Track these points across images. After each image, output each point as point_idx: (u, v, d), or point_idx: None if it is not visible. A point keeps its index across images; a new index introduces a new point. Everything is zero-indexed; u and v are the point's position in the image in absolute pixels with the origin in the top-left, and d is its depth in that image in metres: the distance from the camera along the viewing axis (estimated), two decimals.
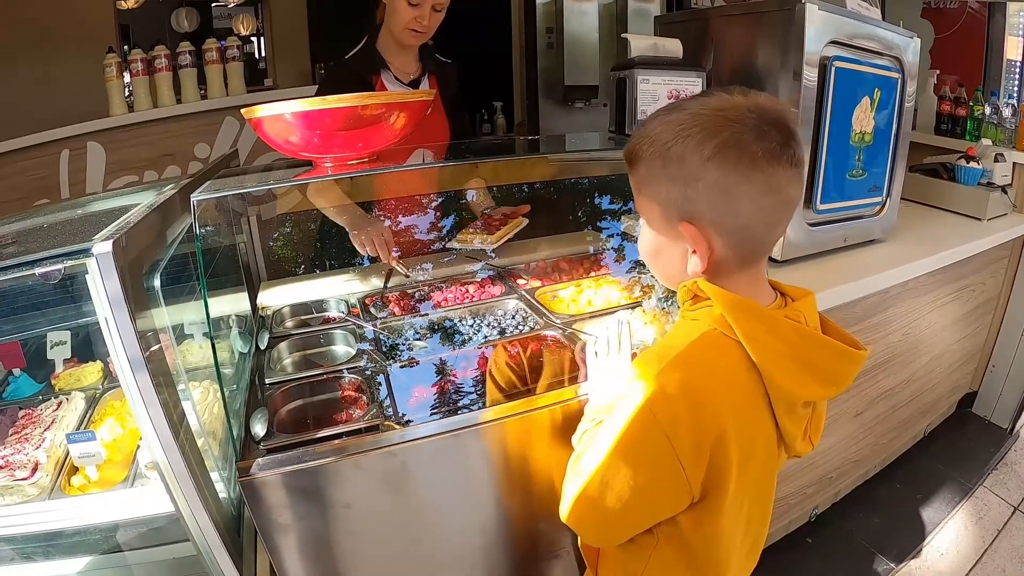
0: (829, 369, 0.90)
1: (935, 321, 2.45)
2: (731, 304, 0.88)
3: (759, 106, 0.85)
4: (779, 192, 0.86)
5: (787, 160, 0.84)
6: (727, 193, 0.85)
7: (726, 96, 0.88)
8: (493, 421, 1.29)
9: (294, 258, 2.09)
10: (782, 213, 0.89)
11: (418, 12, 1.88)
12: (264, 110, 1.21)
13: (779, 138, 0.83)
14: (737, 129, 0.83)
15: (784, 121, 0.85)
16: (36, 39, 3.57)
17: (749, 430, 0.90)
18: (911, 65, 1.99)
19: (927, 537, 2.37)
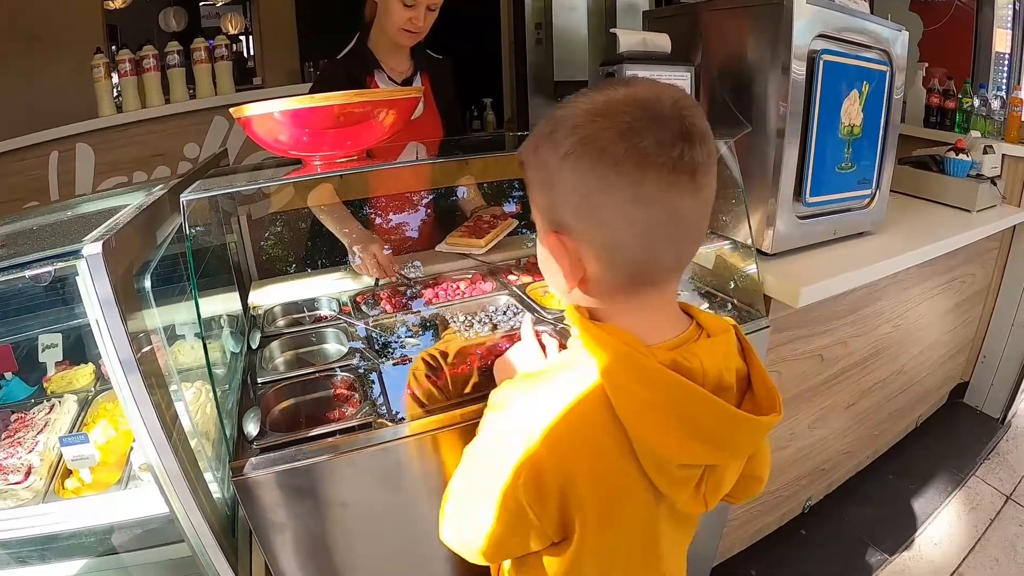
0: (713, 431, 0.75)
1: (926, 312, 2.46)
2: (594, 340, 0.78)
3: (637, 98, 0.72)
4: (654, 203, 0.71)
5: (669, 164, 0.69)
6: (586, 200, 0.73)
7: (610, 88, 0.75)
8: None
9: (285, 257, 2.09)
10: (666, 229, 0.73)
11: (413, 13, 1.88)
12: (253, 109, 1.21)
13: (655, 137, 0.69)
14: (601, 125, 0.71)
15: (671, 116, 0.70)
16: (23, 40, 3.55)
17: (608, 484, 0.78)
18: (899, 58, 1.99)
19: (920, 527, 2.38)
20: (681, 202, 0.72)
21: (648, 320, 0.80)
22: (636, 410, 0.74)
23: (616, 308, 0.81)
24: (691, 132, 0.70)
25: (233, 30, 4.11)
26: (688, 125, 0.70)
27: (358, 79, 1.94)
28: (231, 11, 4.15)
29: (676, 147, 0.69)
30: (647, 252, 0.75)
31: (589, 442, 0.76)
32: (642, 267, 0.76)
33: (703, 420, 0.74)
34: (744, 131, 1.77)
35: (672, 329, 0.82)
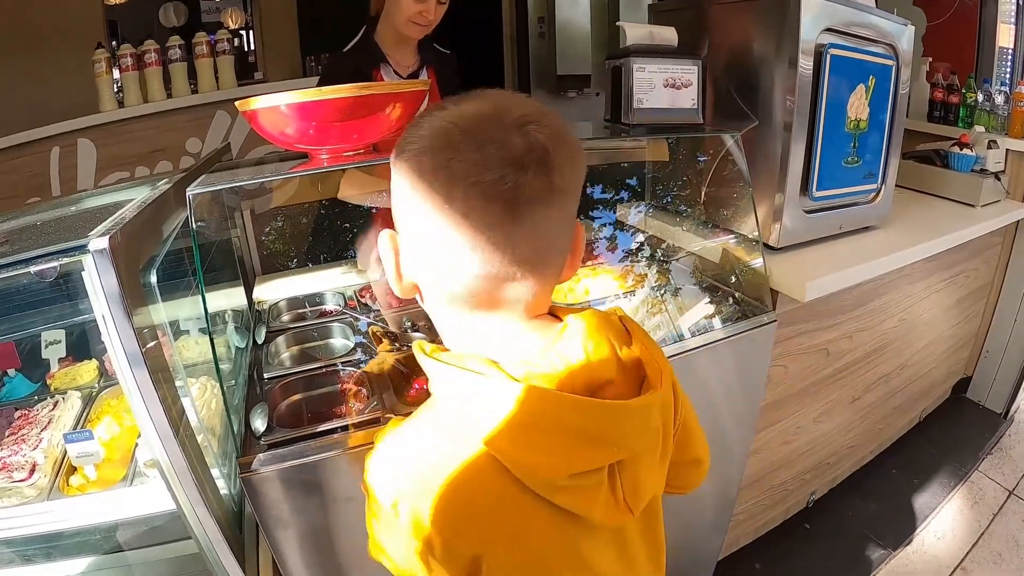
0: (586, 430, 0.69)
1: (930, 307, 2.46)
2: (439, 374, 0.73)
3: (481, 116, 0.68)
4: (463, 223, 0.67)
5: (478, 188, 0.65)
6: (406, 204, 0.71)
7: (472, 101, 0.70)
8: None
9: (289, 251, 2.08)
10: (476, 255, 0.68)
11: (423, 5, 1.86)
12: (259, 102, 1.20)
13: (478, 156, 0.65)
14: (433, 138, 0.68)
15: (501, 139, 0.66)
16: (23, 37, 3.54)
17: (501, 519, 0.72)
18: (905, 53, 1.99)
19: (923, 522, 2.38)
20: (493, 230, 0.67)
21: (500, 337, 0.75)
22: (504, 439, 0.68)
23: (460, 332, 0.77)
24: (525, 159, 0.65)
25: (233, 25, 4.10)
26: (525, 151, 0.66)
27: (364, 73, 1.92)
28: (231, 6, 4.14)
29: (496, 171, 0.65)
30: (462, 278, 0.70)
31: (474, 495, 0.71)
32: (462, 292, 0.72)
33: (574, 423, 0.68)
34: (751, 125, 1.77)
35: (529, 341, 0.75)
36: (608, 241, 1.96)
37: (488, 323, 0.74)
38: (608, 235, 1.94)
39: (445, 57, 2.14)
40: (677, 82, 1.66)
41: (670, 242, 2.00)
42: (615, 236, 1.93)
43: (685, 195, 2.04)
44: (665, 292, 1.71)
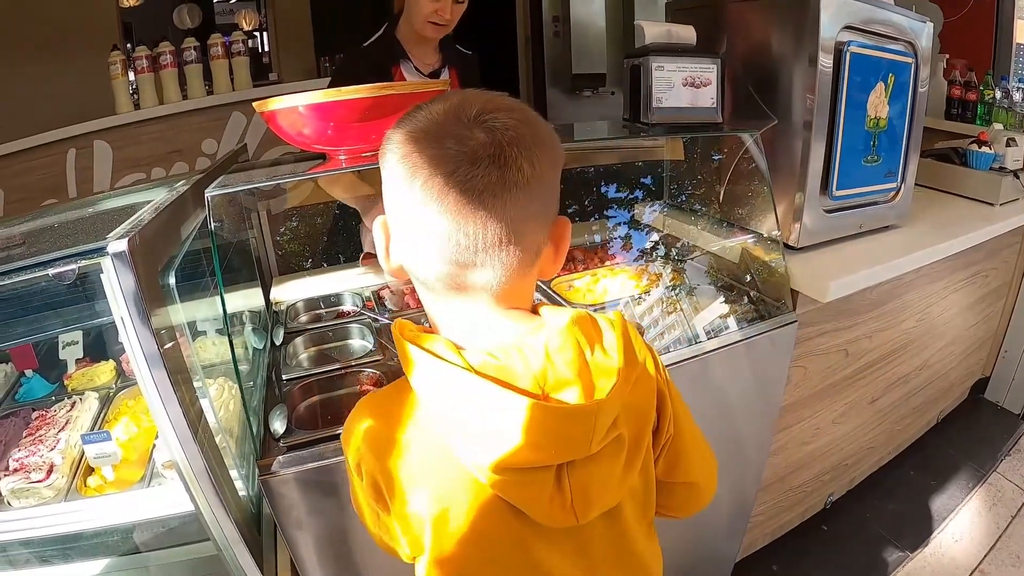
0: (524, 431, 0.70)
1: (948, 307, 2.44)
2: (403, 351, 0.76)
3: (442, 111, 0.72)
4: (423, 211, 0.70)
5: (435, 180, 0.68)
6: (385, 189, 0.76)
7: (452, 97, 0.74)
8: None
9: (306, 252, 2.08)
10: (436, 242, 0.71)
11: (439, 5, 1.86)
12: (277, 103, 1.20)
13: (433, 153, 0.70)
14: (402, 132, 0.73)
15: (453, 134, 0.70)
16: (39, 39, 3.58)
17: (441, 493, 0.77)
18: (925, 50, 1.97)
19: (941, 524, 2.36)
20: (449, 219, 0.69)
21: (467, 323, 0.78)
22: (445, 422, 0.73)
23: (434, 315, 0.81)
24: (478, 153, 0.69)
25: (248, 26, 4.13)
26: (479, 146, 0.69)
27: (383, 68, 1.91)
28: (245, 7, 4.17)
29: (450, 164, 0.69)
30: (427, 262, 0.74)
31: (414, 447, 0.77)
32: (431, 275, 0.75)
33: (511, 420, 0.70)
34: (770, 124, 1.75)
35: (499, 335, 0.77)
36: (623, 240, 1.95)
37: (455, 307, 0.77)
38: (623, 235, 1.93)
39: (467, 57, 2.13)
40: (696, 81, 1.65)
41: (687, 241, 1.99)
42: (630, 236, 1.92)
43: (702, 194, 2.03)
44: (682, 292, 1.70)
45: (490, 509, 0.76)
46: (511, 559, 0.79)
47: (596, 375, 0.74)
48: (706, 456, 0.96)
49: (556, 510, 0.75)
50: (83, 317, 1.61)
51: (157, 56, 3.38)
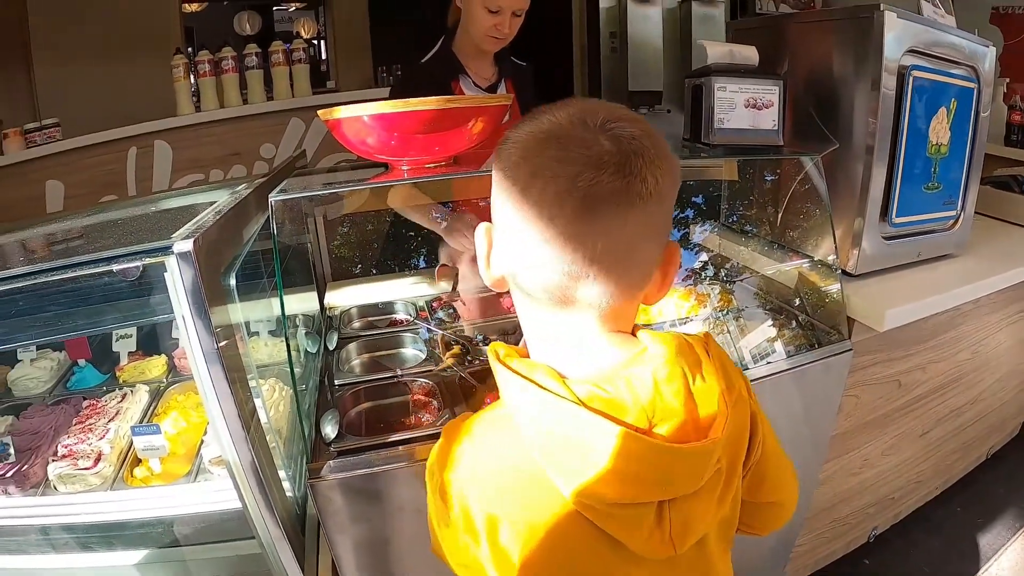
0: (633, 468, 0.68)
1: (1004, 340, 2.37)
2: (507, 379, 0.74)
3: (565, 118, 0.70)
4: (540, 217, 0.68)
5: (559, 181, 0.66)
6: (496, 197, 0.74)
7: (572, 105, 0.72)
8: None
9: (360, 259, 2.11)
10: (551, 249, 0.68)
11: (498, 19, 1.86)
12: (343, 112, 1.23)
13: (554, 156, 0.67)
14: (521, 136, 0.71)
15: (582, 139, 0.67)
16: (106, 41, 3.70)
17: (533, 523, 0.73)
18: (987, 74, 1.93)
19: (986, 563, 2.29)
20: (567, 226, 0.67)
21: (573, 339, 0.75)
22: (551, 455, 0.70)
23: (538, 332, 0.78)
24: (603, 160, 0.66)
25: (306, 34, 4.21)
26: (605, 153, 0.66)
27: (443, 84, 1.93)
28: (304, 15, 4.25)
29: (573, 167, 0.66)
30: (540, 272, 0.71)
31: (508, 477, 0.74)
32: (540, 287, 0.72)
33: (623, 457, 0.67)
34: (831, 148, 1.73)
35: (603, 359, 0.75)
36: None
37: (558, 322, 0.74)
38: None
39: (522, 69, 2.14)
40: (758, 102, 1.64)
41: (737, 263, 1.97)
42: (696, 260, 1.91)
43: (756, 216, 2.00)
44: (736, 315, 1.69)
45: (586, 539, 0.73)
46: None
47: (700, 405, 0.73)
48: (789, 473, 0.94)
49: (655, 543, 0.73)
50: (140, 313, 1.65)
51: (219, 61, 3.47)
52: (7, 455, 1.37)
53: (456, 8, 1.95)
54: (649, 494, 0.70)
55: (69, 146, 3.34)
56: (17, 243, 1.43)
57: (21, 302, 1.43)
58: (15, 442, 1.40)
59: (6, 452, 1.37)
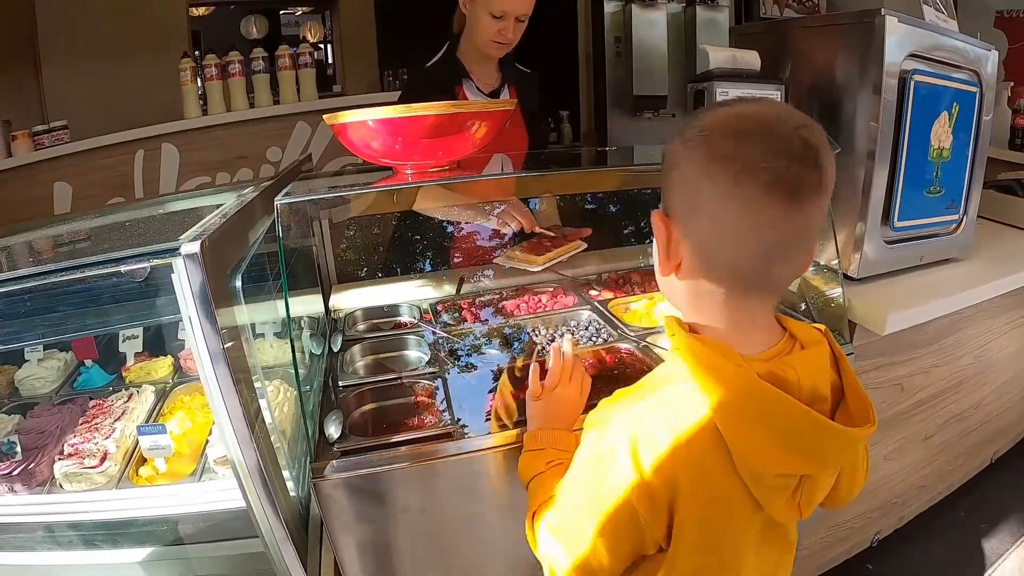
0: (810, 445, 0.78)
1: (1007, 344, 2.36)
2: (693, 354, 0.80)
3: (765, 113, 0.78)
4: (751, 205, 0.75)
5: (769, 172, 0.73)
6: (691, 187, 0.79)
7: (750, 103, 0.82)
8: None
9: (365, 262, 2.12)
10: (760, 237, 0.76)
11: (502, 25, 1.86)
12: (348, 116, 1.24)
13: (766, 146, 0.74)
14: (722, 124, 0.78)
15: (787, 133, 0.75)
16: (113, 44, 3.72)
17: (705, 493, 0.80)
18: (989, 78, 1.93)
19: (989, 569, 2.28)
20: (775, 213, 0.75)
21: (742, 330, 0.84)
22: (735, 423, 0.77)
23: (710, 312, 0.84)
24: (803, 153, 0.74)
25: (313, 38, 4.23)
26: (801, 149, 0.74)
27: (447, 89, 1.94)
28: (311, 20, 4.27)
29: (782, 160, 0.74)
30: (738, 255, 0.79)
31: (692, 455, 0.79)
32: (732, 269, 0.80)
33: (798, 432, 0.77)
34: (833, 151, 1.73)
35: (766, 340, 0.85)
36: None
37: (738, 304, 0.83)
38: None
39: (526, 75, 2.15)
40: None
41: None
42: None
43: None
44: None
45: (741, 509, 0.82)
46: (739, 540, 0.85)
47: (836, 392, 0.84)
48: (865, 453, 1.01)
49: (789, 509, 0.84)
50: (147, 313, 1.67)
51: (226, 64, 3.49)
52: (14, 453, 1.38)
53: (461, 14, 1.96)
54: (807, 467, 0.81)
55: (77, 148, 3.37)
56: (26, 244, 1.45)
57: (32, 302, 1.45)
58: (22, 441, 1.41)
59: (13, 450, 1.38)
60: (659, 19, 2.75)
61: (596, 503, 0.85)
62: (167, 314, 1.34)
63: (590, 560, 0.87)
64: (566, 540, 0.91)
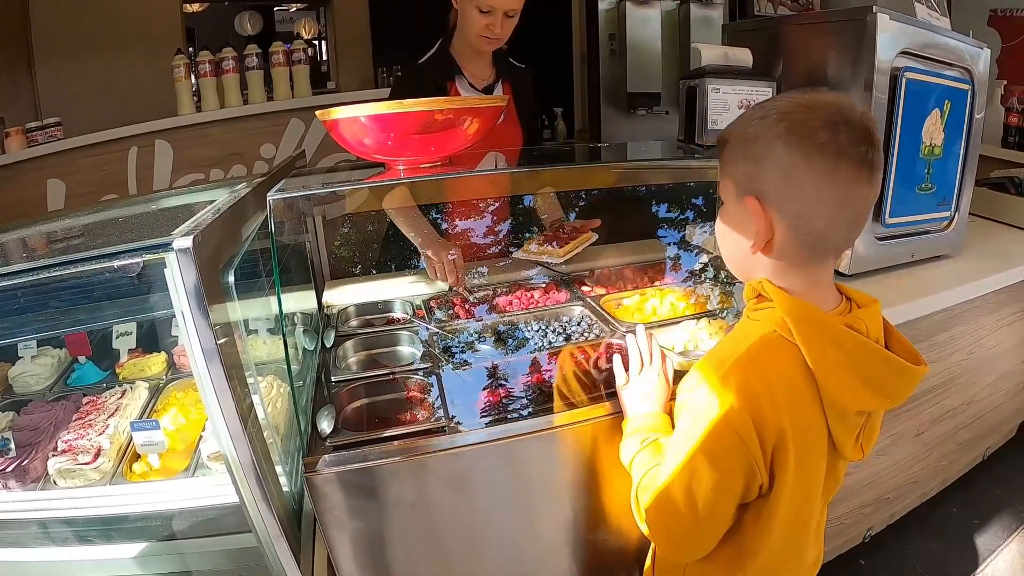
0: (885, 382, 0.92)
1: (1000, 341, 2.37)
2: (792, 308, 0.91)
3: (838, 103, 0.89)
4: (843, 186, 0.88)
5: (857, 157, 0.87)
6: (789, 174, 0.89)
7: (816, 94, 0.93)
8: (560, 427, 1.29)
9: (358, 258, 2.12)
10: (847, 211, 0.90)
11: (490, 19, 1.86)
12: (340, 112, 1.24)
13: (851, 134, 0.86)
14: (809, 115, 0.88)
15: (860, 121, 0.88)
16: (106, 41, 3.70)
17: (803, 431, 0.92)
18: (981, 76, 1.94)
19: (982, 564, 2.29)
20: (860, 191, 0.89)
21: (817, 291, 0.96)
22: (827, 366, 0.89)
23: (793, 278, 0.95)
24: (873, 137, 0.88)
25: (307, 35, 4.21)
26: (872, 132, 0.88)
27: (439, 85, 1.94)
28: (305, 16, 4.25)
29: (863, 145, 0.87)
30: (826, 228, 0.91)
31: (791, 395, 0.90)
32: (819, 241, 0.92)
33: (878, 372, 0.91)
34: None
35: (834, 300, 0.98)
36: (673, 261, 1.94)
37: (816, 269, 0.95)
38: (673, 255, 1.93)
39: (521, 71, 2.14)
40: (751, 103, 1.65)
41: None
42: (679, 256, 1.91)
43: None
44: (729, 315, 1.69)
45: (823, 448, 0.95)
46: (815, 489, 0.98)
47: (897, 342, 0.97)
48: None
49: (855, 447, 0.98)
50: (140, 309, 1.66)
51: (220, 61, 3.48)
52: (7, 450, 1.38)
53: (454, 10, 1.96)
54: (882, 403, 0.94)
55: (70, 145, 3.35)
56: (19, 241, 1.44)
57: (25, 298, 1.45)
58: (15, 437, 1.40)
59: (7, 447, 1.38)
60: (653, 17, 2.76)
61: (709, 454, 0.93)
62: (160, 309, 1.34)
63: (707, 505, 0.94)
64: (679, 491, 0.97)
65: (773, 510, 0.95)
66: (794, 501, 0.95)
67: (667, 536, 1.03)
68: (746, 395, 0.90)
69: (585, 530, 1.39)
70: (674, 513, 0.98)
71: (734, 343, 0.98)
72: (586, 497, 1.36)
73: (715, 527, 0.98)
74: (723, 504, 0.95)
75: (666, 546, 1.07)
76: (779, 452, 0.91)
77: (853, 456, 0.99)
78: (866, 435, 1.00)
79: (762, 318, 0.96)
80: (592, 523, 1.39)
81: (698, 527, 0.97)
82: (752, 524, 0.99)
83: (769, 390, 0.89)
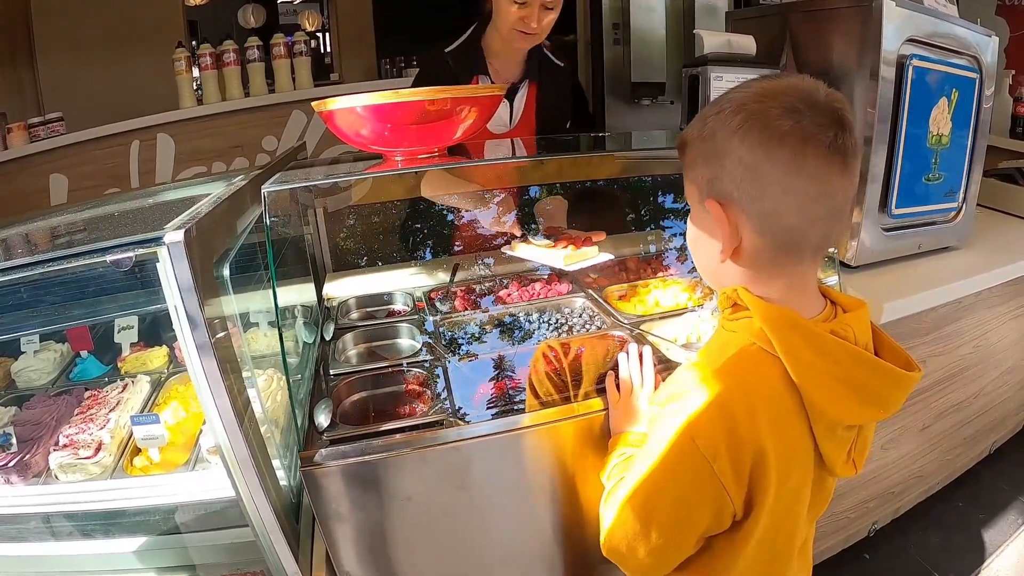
0: (876, 392, 0.85)
1: (1007, 334, 2.35)
2: (771, 317, 0.84)
3: (800, 86, 0.81)
4: (813, 177, 0.79)
5: (824, 144, 0.77)
6: (752, 171, 0.81)
7: (778, 79, 0.84)
8: (559, 421, 1.28)
9: (359, 250, 2.11)
10: (820, 205, 0.81)
11: (525, 12, 1.70)
12: (336, 103, 1.22)
13: (816, 119, 0.78)
14: (768, 103, 0.79)
15: (826, 104, 0.79)
16: (108, 35, 3.71)
17: (786, 451, 0.84)
18: (989, 65, 1.92)
19: (987, 560, 2.27)
20: (832, 181, 0.79)
21: (798, 296, 0.87)
22: (812, 378, 0.82)
23: (768, 282, 0.87)
24: (843, 120, 0.79)
25: (310, 27, 4.21)
26: (841, 114, 0.79)
27: (459, 81, 1.80)
28: (308, 8, 4.25)
29: (831, 130, 0.78)
30: (799, 225, 0.82)
31: (773, 411, 0.83)
32: (794, 240, 0.83)
33: (868, 382, 0.83)
34: None
35: (817, 305, 0.90)
36: (677, 252, 1.92)
37: (793, 270, 0.87)
38: (679, 246, 1.91)
39: (556, 70, 1.99)
40: None
41: None
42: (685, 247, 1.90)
43: None
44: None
45: (808, 465, 0.88)
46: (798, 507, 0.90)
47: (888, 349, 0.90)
48: None
49: (848, 465, 0.91)
50: (139, 303, 1.67)
51: (221, 54, 3.48)
52: (9, 445, 1.37)
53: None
54: (875, 413, 0.86)
55: (73, 140, 3.36)
56: (15, 236, 1.44)
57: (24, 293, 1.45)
58: (17, 432, 1.40)
59: (8, 442, 1.38)
60: (657, 5, 2.75)
61: (671, 473, 0.86)
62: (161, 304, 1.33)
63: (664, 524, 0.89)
64: (637, 518, 0.92)
65: (750, 531, 0.88)
66: (773, 522, 0.88)
67: (623, 556, 0.96)
68: (719, 414, 0.82)
69: (583, 524, 1.38)
70: (632, 537, 0.92)
71: (709, 357, 0.91)
72: (585, 491, 1.34)
73: (671, 552, 0.91)
74: (682, 536, 0.89)
75: (617, 562, 0.99)
76: (758, 474, 0.83)
77: (845, 473, 0.91)
78: (858, 449, 0.93)
79: (739, 328, 0.88)
80: (591, 517, 1.37)
81: (653, 554, 0.91)
82: (727, 544, 0.91)
83: (747, 409, 0.82)
